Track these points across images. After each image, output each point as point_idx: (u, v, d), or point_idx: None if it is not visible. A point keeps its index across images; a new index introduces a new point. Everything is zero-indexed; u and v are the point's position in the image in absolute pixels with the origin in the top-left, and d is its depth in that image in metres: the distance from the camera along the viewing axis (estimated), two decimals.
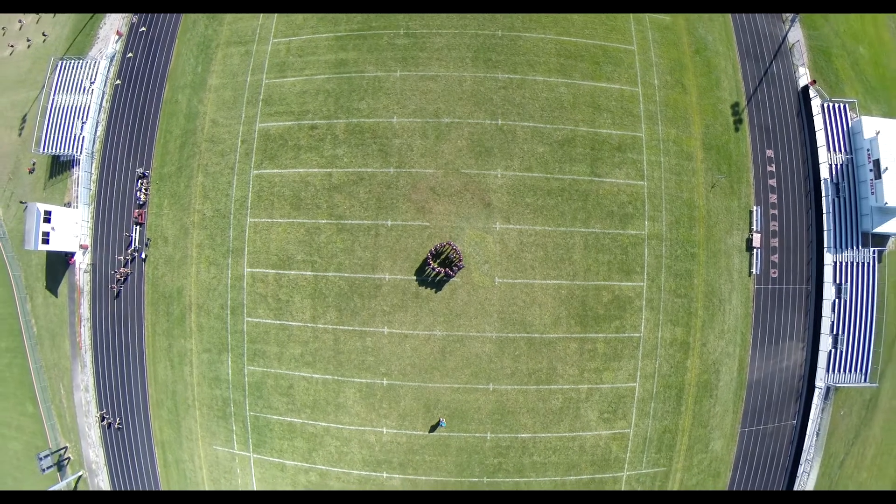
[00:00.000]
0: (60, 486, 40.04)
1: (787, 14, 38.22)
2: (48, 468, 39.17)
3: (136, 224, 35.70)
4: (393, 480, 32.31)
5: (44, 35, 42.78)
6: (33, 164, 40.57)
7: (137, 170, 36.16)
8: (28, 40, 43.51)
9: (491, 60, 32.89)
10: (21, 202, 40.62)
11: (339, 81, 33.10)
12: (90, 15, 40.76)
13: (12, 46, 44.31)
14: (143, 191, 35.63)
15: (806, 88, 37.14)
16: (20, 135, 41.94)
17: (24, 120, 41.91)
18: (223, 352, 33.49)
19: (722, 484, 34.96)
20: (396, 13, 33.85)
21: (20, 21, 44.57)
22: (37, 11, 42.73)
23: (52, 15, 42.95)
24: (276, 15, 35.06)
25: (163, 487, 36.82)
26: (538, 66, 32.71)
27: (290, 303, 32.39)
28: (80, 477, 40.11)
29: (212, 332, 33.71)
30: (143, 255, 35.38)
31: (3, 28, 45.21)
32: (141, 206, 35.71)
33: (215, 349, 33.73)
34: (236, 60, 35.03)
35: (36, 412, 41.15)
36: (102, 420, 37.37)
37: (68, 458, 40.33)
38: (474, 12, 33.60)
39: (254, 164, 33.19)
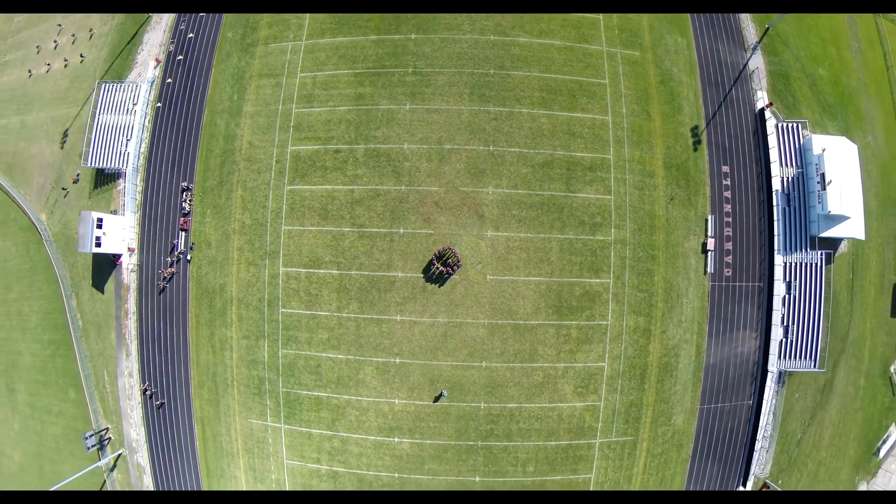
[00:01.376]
0: (101, 463, 59.48)
1: (749, 42, 57.10)
2: (92, 447, 58.56)
3: (182, 230, 54.90)
4: (403, 444, 51.44)
5: (81, 56, 61.91)
6: (77, 175, 59.68)
7: (182, 183, 55.23)
8: (65, 60, 62.61)
9: (484, 95, 51.63)
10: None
11: (358, 112, 51.98)
12: (128, 39, 59.99)
13: (49, 65, 63.54)
14: (188, 202, 54.76)
15: (762, 111, 55.80)
16: (62, 147, 61.19)
17: (65, 134, 61.13)
18: (260, 338, 52.59)
19: (685, 455, 53.77)
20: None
21: (55, 41, 63.83)
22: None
23: (88, 37, 62.29)
24: (302, 51, 54.11)
25: (200, 460, 56.11)
26: (524, 100, 51.56)
27: (319, 296, 51.37)
28: (119, 455, 59.59)
29: (250, 321, 52.84)
30: (189, 257, 54.49)
31: (38, 47, 64.62)
32: (185, 215, 54.87)
33: (253, 336, 52.80)
34: (268, 91, 54.10)
35: (78, 398, 60.41)
36: (145, 392, 56.53)
37: (109, 437, 59.55)
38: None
39: (287, 180, 52.19)
